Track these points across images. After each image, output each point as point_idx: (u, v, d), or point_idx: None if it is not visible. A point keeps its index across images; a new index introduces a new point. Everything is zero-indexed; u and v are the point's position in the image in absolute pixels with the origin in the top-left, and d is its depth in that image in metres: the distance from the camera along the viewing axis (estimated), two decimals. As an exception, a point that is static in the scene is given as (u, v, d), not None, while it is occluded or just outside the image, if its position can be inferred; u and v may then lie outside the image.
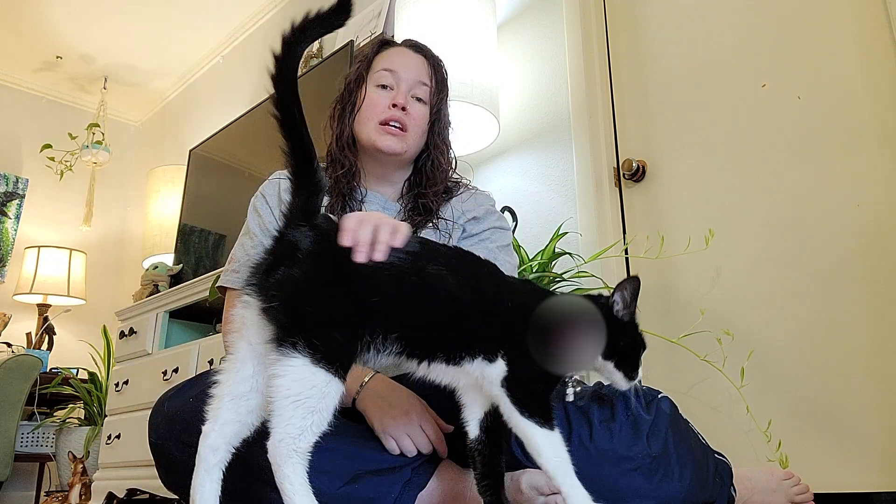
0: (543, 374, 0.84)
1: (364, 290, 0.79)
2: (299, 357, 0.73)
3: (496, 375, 0.82)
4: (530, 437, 0.81)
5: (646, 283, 1.88)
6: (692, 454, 1.09)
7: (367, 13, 2.80)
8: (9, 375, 2.89)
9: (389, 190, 1.33)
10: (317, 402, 0.73)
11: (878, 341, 1.46)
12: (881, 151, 1.53)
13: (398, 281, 0.80)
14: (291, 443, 0.72)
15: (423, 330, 0.81)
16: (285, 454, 0.72)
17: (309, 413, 0.73)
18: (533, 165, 2.11)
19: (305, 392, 0.73)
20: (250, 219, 1.31)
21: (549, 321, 0.83)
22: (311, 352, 0.73)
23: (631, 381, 0.88)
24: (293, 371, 0.73)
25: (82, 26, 3.79)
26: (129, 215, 4.51)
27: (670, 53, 1.96)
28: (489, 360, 0.83)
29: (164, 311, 2.71)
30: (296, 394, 0.73)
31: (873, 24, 1.58)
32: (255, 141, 2.96)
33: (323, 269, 0.79)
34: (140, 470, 2.45)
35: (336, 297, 0.78)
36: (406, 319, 0.80)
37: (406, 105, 1.25)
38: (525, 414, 0.81)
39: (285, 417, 0.73)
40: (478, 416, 0.88)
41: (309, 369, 0.73)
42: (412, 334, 0.80)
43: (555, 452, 0.80)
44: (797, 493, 1.25)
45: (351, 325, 0.77)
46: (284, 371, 0.73)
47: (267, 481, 0.80)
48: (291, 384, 0.73)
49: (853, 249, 1.53)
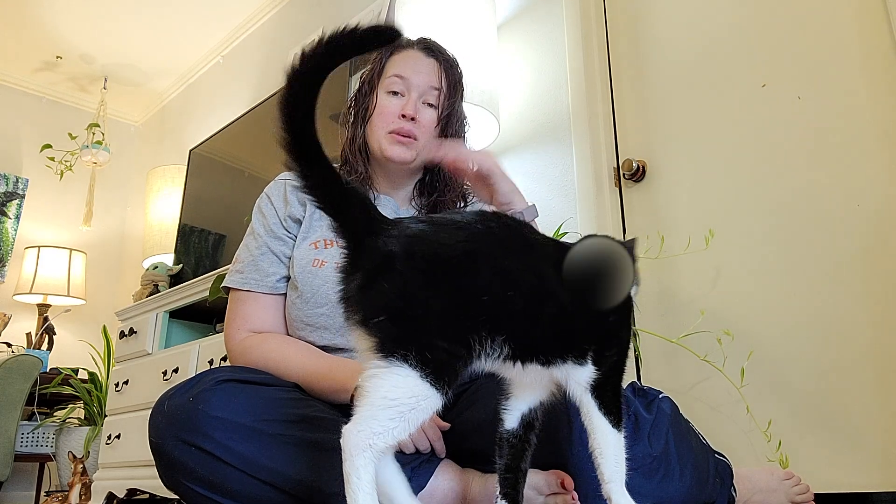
0: (620, 364, 0.82)
1: (472, 291, 0.73)
2: (408, 369, 0.70)
3: (584, 378, 0.80)
4: (601, 434, 0.80)
5: (646, 283, 1.88)
6: (693, 454, 1.09)
7: (367, 13, 2.80)
8: (9, 375, 2.89)
9: (401, 194, 1.34)
10: (409, 412, 0.70)
11: (878, 341, 1.46)
12: (881, 151, 1.53)
13: (499, 274, 0.75)
14: (370, 437, 0.68)
15: (527, 328, 0.76)
16: (361, 446, 0.68)
17: (398, 417, 0.70)
18: (533, 165, 2.12)
19: (402, 399, 0.70)
20: (255, 220, 1.32)
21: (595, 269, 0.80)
22: (423, 366, 0.70)
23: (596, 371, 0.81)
24: (397, 379, 0.70)
25: (82, 26, 3.79)
26: (129, 215, 4.51)
27: (670, 53, 1.96)
28: (580, 364, 0.79)
29: (164, 311, 2.71)
30: (392, 398, 0.69)
31: (873, 24, 1.58)
32: (255, 141, 2.96)
33: (428, 275, 0.73)
34: (140, 470, 2.45)
35: (447, 304, 0.73)
36: (510, 317, 0.75)
37: (416, 115, 1.25)
38: (604, 412, 0.80)
39: (372, 414, 0.69)
40: (522, 410, 0.86)
41: (415, 381, 0.70)
42: (517, 334, 0.75)
43: (617, 457, 0.80)
44: (797, 493, 1.25)
45: (464, 333, 0.73)
46: (388, 375, 0.70)
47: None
48: (391, 388, 0.69)
49: (853, 249, 1.53)
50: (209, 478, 0.96)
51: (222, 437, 0.95)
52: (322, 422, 1.00)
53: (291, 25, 3.46)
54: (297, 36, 3.34)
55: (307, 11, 3.38)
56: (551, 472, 0.96)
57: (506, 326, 0.75)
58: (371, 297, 0.72)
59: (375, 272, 0.73)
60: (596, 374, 0.80)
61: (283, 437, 0.97)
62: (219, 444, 0.95)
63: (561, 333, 0.78)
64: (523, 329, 0.76)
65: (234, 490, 0.96)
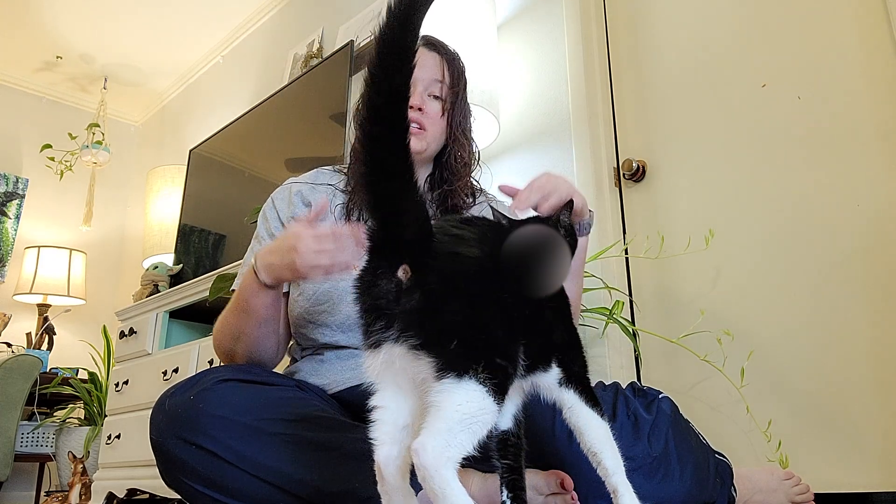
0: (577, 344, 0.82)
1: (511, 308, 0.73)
2: (475, 384, 0.69)
3: (552, 380, 0.80)
4: (593, 427, 0.79)
5: (646, 283, 1.89)
6: (693, 454, 1.09)
7: (367, 13, 2.80)
8: (9, 375, 2.89)
9: None
10: (480, 427, 0.69)
11: (878, 341, 1.46)
12: (881, 151, 1.53)
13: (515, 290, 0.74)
14: (447, 449, 0.69)
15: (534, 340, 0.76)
16: (443, 458, 0.67)
17: (468, 430, 0.69)
18: (533, 165, 2.11)
19: (474, 413, 0.69)
20: (259, 224, 1.34)
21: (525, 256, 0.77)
22: (488, 382, 0.69)
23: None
24: (469, 394, 0.69)
25: (82, 26, 3.79)
26: (129, 215, 4.51)
27: (670, 53, 1.96)
28: (546, 370, 0.79)
29: (164, 311, 2.71)
30: (465, 412, 0.68)
31: (873, 24, 1.58)
32: (255, 141, 2.96)
33: (483, 296, 0.72)
34: (140, 470, 2.45)
35: (501, 321, 0.72)
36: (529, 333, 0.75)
37: (423, 105, 1.28)
38: (590, 404, 0.79)
39: (448, 427, 0.68)
40: (512, 411, 0.87)
41: (482, 395, 0.69)
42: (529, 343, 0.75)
43: (614, 448, 0.79)
44: (798, 494, 1.25)
45: (515, 348, 0.72)
46: (459, 390, 0.69)
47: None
48: (464, 402, 0.69)
49: (853, 249, 1.53)
50: (210, 476, 0.96)
51: (223, 436, 0.95)
52: (322, 421, 1.00)
53: (291, 25, 3.46)
54: (297, 36, 3.34)
55: (307, 11, 3.38)
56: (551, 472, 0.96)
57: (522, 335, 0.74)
58: (438, 320, 0.70)
59: (441, 295, 0.70)
60: (562, 371, 0.80)
61: (284, 436, 0.97)
62: (219, 443, 0.95)
63: (546, 339, 0.78)
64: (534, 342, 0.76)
65: (234, 489, 0.96)
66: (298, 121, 2.69)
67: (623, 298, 1.80)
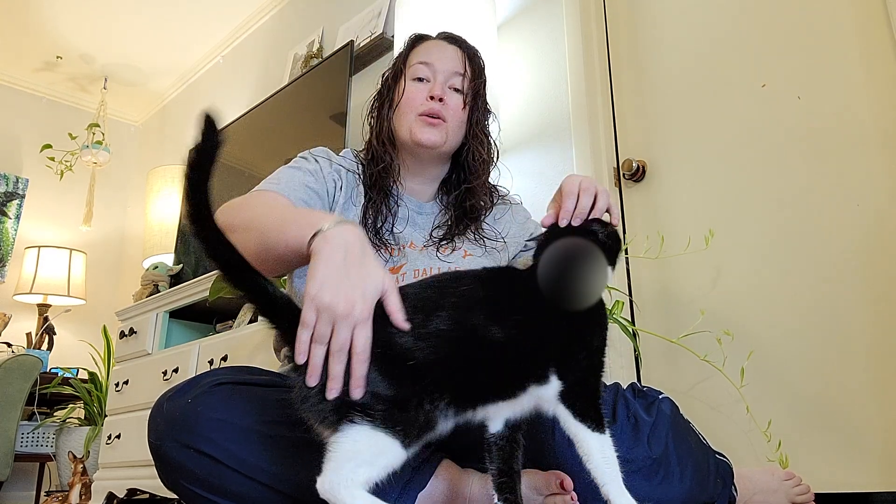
0: (594, 368, 0.84)
1: (402, 356, 0.77)
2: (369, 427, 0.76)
3: (551, 394, 0.82)
4: (582, 441, 0.81)
5: (646, 283, 1.89)
6: (693, 455, 1.09)
7: (367, 13, 2.80)
8: (9, 375, 2.89)
9: (426, 189, 1.32)
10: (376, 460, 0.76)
11: (878, 341, 1.46)
12: (881, 151, 1.52)
13: (436, 337, 0.77)
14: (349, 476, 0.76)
15: (473, 381, 0.79)
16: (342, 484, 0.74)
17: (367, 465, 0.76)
18: (533, 165, 2.11)
19: (364, 452, 0.75)
20: (300, 161, 1.25)
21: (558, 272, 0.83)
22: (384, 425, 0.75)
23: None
24: (357, 434, 0.75)
25: (82, 26, 3.79)
26: (129, 215, 4.51)
27: (670, 54, 1.96)
28: (541, 383, 0.81)
29: (164, 311, 2.71)
30: (356, 451, 0.75)
31: (873, 24, 1.58)
32: (255, 141, 2.96)
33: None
34: (140, 470, 2.45)
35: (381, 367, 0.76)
36: (453, 377, 0.77)
37: (444, 96, 1.25)
38: (579, 419, 0.81)
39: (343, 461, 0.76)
40: (506, 415, 0.87)
41: (371, 435, 0.75)
42: (462, 391, 0.78)
43: (605, 457, 0.80)
44: (798, 494, 1.25)
45: (408, 398, 0.76)
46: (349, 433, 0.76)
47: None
48: (353, 444, 0.76)
49: (853, 249, 1.53)
50: (208, 480, 0.96)
51: (221, 440, 0.95)
52: (321, 423, 1.00)
53: (291, 25, 3.46)
54: (297, 36, 3.34)
55: (307, 11, 3.38)
56: (550, 472, 0.96)
57: (447, 387, 0.77)
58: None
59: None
60: (563, 385, 0.81)
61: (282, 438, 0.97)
62: (218, 447, 0.94)
63: (510, 370, 0.80)
64: (469, 383, 0.78)
65: (233, 492, 0.96)
66: (298, 121, 2.69)
67: (623, 298, 1.80)
